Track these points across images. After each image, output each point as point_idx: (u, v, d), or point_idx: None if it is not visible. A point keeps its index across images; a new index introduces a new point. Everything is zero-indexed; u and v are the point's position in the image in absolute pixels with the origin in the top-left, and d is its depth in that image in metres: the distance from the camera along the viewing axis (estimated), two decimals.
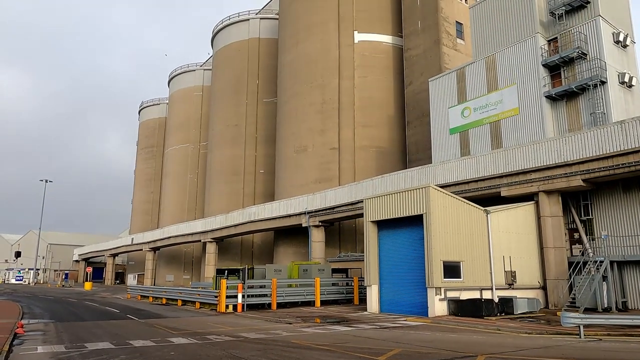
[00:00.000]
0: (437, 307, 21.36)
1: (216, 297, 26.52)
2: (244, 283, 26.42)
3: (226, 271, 30.01)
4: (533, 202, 25.90)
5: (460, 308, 21.45)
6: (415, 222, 22.86)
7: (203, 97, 79.54)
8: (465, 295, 22.16)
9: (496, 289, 23.19)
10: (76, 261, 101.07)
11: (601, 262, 22.94)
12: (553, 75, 31.07)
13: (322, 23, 50.22)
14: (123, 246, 79.26)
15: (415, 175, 32.10)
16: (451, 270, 22.11)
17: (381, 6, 50.06)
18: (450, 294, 21.89)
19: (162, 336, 16.12)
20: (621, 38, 30.05)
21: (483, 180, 27.84)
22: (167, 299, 33.81)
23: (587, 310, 21.35)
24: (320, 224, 40.06)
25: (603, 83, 28.46)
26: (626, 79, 29.36)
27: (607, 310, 22.36)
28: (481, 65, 34.66)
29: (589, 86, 28.63)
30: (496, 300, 22.28)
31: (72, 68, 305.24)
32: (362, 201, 27.10)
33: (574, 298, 22.69)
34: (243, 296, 26.19)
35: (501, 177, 26.93)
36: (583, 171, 23.59)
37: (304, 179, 47.70)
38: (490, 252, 23.51)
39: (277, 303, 27.45)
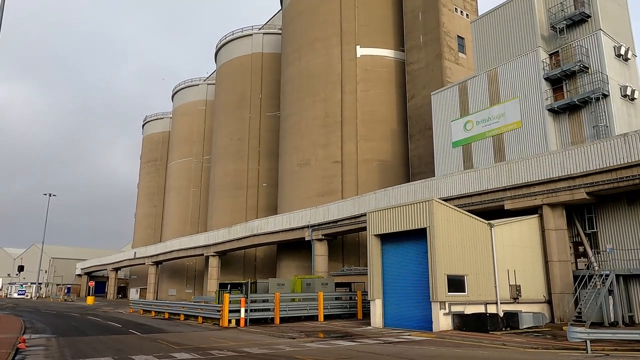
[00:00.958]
0: (442, 322, 21.16)
1: (219, 312, 26.36)
2: (247, 297, 26.27)
3: (229, 285, 29.88)
4: (537, 216, 25.80)
5: (465, 322, 21.25)
6: (418, 236, 22.77)
7: (206, 112, 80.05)
8: (469, 309, 21.96)
9: (501, 303, 22.97)
10: (79, 275, 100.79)
11: (607, 276, 22.73)
12: (555, 88, 31.17)
13: (325, 38, 50.70)
14: (125, 260, 79.09)
15: (418, 188, 32.07)
16: (455, 284, 21.94)
17: (383, 21, 50.55)
18: (454, 308, 21.69)
19: (165, 351, 16.01)
20: (622, 51, 30.18)
21: (486, 193, 27.78)
22: (170, 314, 33.64)
23: (594, 324, 21.11)
24: (323, 238, 39.95)
25: (605, 96, 28.52)
26: (628, 92, 29.42)
27: (614, 324, 22.10)
28: (483, 78, 34.82)
29: (591, 99, 28.69)
30: (501, 314, 22.07)
31: (82, 83, 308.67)
32: (365, 215, 27.04)
33: (580, 312, 22.45)
34: (246, 310, 26.03)
35: (505, 190, 26.87)
36: (587, 184, 23.52)
37: (307, 193, 47.71)
38: (494, 266, 23.35)
39: (280, 317, 27.24)
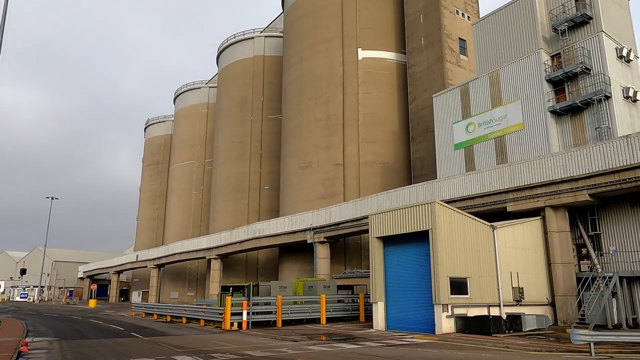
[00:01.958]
0: (444, 324, 21.09)
1: (221, 315, 26.33)
2: (249, 300, 26.24)
3: (231, 288, 29.85)
4: (540, 218, 25.73)
5: (467, 325, 21.17)
6: (421, 238, 22.72)
7: (208, 114, 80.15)
8: (472, 312, 21.89)
9: (504, 306, 22.89)
10: (81, 278, 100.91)
11: (610, 278, 22.65)
12: (557, 90, 31.13)
13: (327, 40, 50.77)
14: (128, 263, 79.15)
15: (420, 190, 32.03)
16: (458, 286, 21.88)
17: (384, 24, 50.59)
18: (457, 311, 21.63)
19: (167, 354, 15.97)
20: (624, 53, 30.15)
21: (489, 195, 27.72)
22: (172, 317, 33.61)
23: (597, 327, 21.00)
24: (325, 240, 39.90)
25: (607, 98, 28.47)
26: (630, 94, 29.37)
27: (618, 327, 22.01)
28: (485, 80, 34.80)
29: (594, 101, 28.65)
30: (504, 317, 21.99)
31: (88, 86, 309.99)
32: (368, 217, 27.00)
33: (583, 315, 22.36)
34: (248, 313, 25.99)
35: (507, 192, 26.81)
36: (589, 186, 23.46)
37: (309, 195, 47.69)
38: (497, 268, 23.28)
39: (282, 320, 27.20)
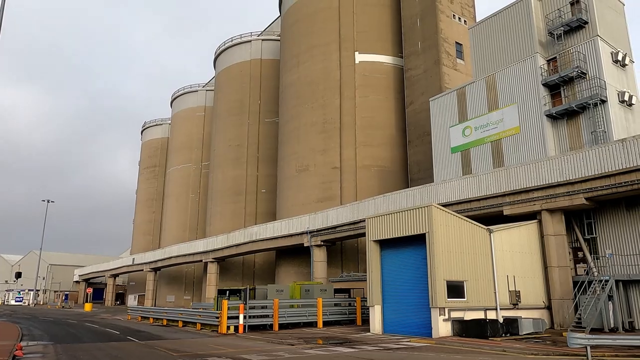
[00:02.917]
0: (441, 328, 21.08)
1: (217, 318, 26.23)
2: (246, 304, 26.16)
3: (227, 291, 29.76)
4: (536, 221, 25.78)
5: (464, 328, 21.17)
6: (417, 242, 22.74)
7: (205, 118, 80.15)
8: (469, 315, 21.89)
9: (501, 309, 22.91)
10: (77, 282, 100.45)
11: (606, 282, 22.70)
12: (553, 94, 31.27)
13: (324, 44, 50.87)
14: (124, 266, 78.85)
15: (417, 194, 32.06)
16: (455, 290, 21.89)
17: (381, 27, 50.74)
18: (454, 314, 21.62)
19: (163, 358, 15.90)
20: (620, 57, 30.32)
21: (485, 199, 27.78)
22: (168, 320, 33.47)
23: (594, 330, 21.05)
24: (322, 244, 39.87)
25: (603, 102, 28.62)
26: (626, 98, 29.52)
27: (614, 330, 22.03)
28: (481, 84, 34.93)
29: (589, 105, 28.78)
30: (501, 320, 21.99)
31: (88, 89, 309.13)
32: (364, 220, 27.00)
33: (580, 318, 22.41)
34: (244, 317, 25.90)
35: (503, 196, 26.88)
36: (585, 189, 23.53)
37: (306, 199, 47.66)
38: (494, 272, 23.31)
39: (279, 324, 27.12)
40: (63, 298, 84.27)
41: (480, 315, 22.25)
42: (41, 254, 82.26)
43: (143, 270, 70.36)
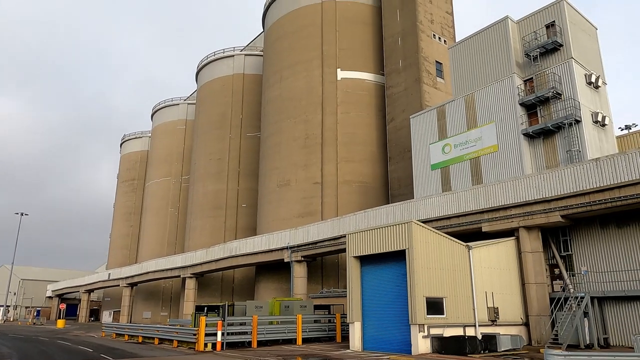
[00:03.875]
0: (421, 345, 21.05)
1: (195, 335, 25.73)
2: (224, 320, 25.74)
3: (205, 308, 29.27)
4: (514, 238, 26.14)
5: (443, 345, 21.18)
6: (397, 258, 22.78)
7: (186, 131, 79.65)
8: (448, 332, 21.93)
9: (479, 326, 23.01)
10: (49, 297, 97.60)
11: (582, 298, 23.06)
12: (530, 113, 32.03)
13: (306, 60, 51.31)
14: (99, 282, 76.99)
15: (397, 210, 32.25)
16: (434, 306, 21.93)
17: (363, 45, 51.47)
18: (433, 331, 21.63)
19: None
20: (593, 79, 31.29)
21: (464, 215, 28.09)
22: (144, 337, 32.68)
23: (570, 347, 21.30)
24: (302, 259, 39.65)
25: (578, 122, 29.41)
26: (599, 118, 30.41)
27: (589, 347, 22.32)
28: (461, 103, 35.58)
29: (565, 124, 29.55)
30: (479, 337, 22.08)
31: (68, 100, 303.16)
32: (345, 236, 26.99)
33: (557, 334, 22.66)
34: (222, 334, 25.47)
35: (482, 213, 27.23)
36: (561, 207, 24.01)
37: (287, 214, 47.50)
38: (472, 288, 23.45)
39: (258, 341, 26.73)
40: (35, 314, 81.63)
41: (459, 331, 22.31)
42: (12, 269, 79.83)
43: (119, 285, 68.80)
